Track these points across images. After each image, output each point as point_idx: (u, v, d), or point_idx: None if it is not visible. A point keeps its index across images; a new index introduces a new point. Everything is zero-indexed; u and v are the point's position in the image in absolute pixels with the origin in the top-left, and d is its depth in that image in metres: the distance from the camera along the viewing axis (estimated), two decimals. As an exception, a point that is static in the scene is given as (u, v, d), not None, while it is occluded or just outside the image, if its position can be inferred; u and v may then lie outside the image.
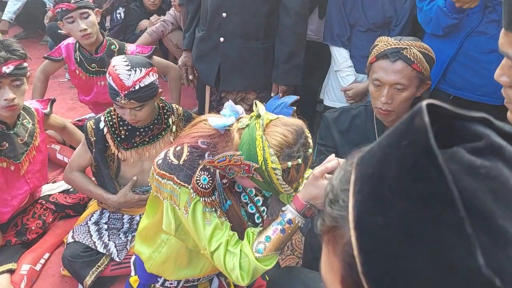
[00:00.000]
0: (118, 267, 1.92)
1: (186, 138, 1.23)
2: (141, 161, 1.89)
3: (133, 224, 2.04)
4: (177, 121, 1.89)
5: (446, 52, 1.82)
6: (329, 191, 0.42)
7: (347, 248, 0.38)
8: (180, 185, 1.16)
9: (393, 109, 1.50)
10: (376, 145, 0.38)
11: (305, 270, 1.30)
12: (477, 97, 1.84)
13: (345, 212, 0.39)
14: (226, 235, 1.17)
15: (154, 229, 1.40)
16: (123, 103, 1.64)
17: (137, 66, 1.64)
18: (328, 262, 0.42)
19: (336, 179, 0.42)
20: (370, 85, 1.54)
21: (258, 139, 1.06)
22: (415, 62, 1.44)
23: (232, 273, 1.15)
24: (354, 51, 2.20)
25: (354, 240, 0.37)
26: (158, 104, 1.85)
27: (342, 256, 0.39)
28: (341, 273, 0.39)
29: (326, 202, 0.42)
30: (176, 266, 1.40)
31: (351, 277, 0.38)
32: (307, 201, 1.15)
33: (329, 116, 1.76)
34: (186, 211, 1.17)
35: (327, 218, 0.41)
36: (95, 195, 1.94)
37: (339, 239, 0.40)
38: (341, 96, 2.30)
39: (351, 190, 0.39)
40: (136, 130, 1.82)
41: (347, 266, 0.38)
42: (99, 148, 1.82)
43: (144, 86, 1.64)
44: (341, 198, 0.40)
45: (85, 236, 1.92)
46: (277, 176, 1.07)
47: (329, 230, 0.41)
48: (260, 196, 1.36)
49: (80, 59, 2.54)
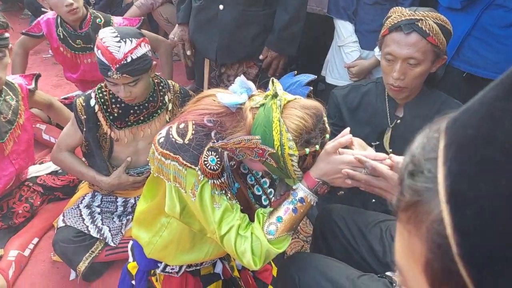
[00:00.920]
0: (113, 252, 1.83)
1: (190, 115, 1.13)
2: (136, 141, 1.78)
3: (127, 207, 1.95)
4: (174, 99, 1.78)
5: (461, 27, 1.73)
6: (408, 162, 0.36)
7: (435, 226, 0.32)
8: (186, 166, 1.07)
9: (405, 86, 1.43)
10: (477, 102, 0.33)
11: (318, 256, 1.22)
12: (492, 74, 1.77)
13: (432, 184, 0.33)
14: (237, 218, 1.10)
15: (153, 213, 1.31)
16: (116, 78, 1.52)
17: (127, 37, 1.52)
18: (406, 245, 0.36)
19: (418, 148, 0.36)
20: (382, 59, 1.46)
21: (275, 122, 0.98)
22: (430, 34, 1.35)
23: (244, 258, 1.08)
24: (360, 25, 2.10)
25: (446, 216, 0.31)
26: (153, 80, 1.74)
27: (428, 237, 0.33)
28: (426, 257, 0.33)
29: (405, 175, 0.36)
30: (178, 251, 1.31)
31: (440, 262, 0.32)
32: (319, 177, 1.09)
33: (338, 93, 1.66)
34: (194, 194, 1.08)
35: (407, 192, 0.35)
36: (86, 177, 1.83)
37: (423, 216, 0.33)
38: (344, 73, 2.20)
39: (440, 159, 0.33)
40: (130, 108, 1.70)
41: (435, 248, 0.32)
42: (90, 127, 1.70)
43: (136, 58, 1.53)
44: (426, 168, 0.34)
45: (77, 220, 1.82)
46: (293, 163, 1.00)
47: (409, 207, 0.35)
48: (267, 178, 1.28)
49: (64, 35, 2.38)
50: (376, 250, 1.22)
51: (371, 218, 1.31)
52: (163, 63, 2.51)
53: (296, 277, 1.13)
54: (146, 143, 1.79)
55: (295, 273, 1.15)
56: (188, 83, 3.22)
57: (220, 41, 1.99)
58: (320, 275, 1.11)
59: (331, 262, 1.17)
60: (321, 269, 1.14)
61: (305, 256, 1.20)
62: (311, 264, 1.16)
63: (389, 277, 1.09)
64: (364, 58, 2.13)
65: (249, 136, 0.99)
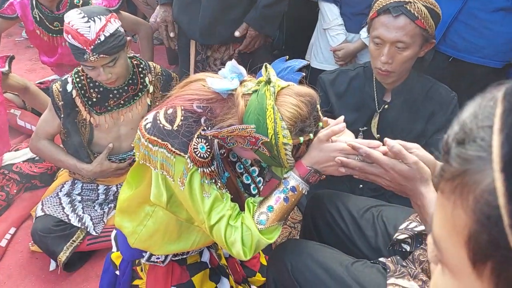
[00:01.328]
0: (95, 241, 1.79)
1: (178, 100, 1.08)
2: (117, 126, 1.72)
3: (109, 195, 1.89)
4: (155, 81, 1.72)
5: (448, 11, 1.72)
6: (458, 130, 0.35)
7: (486, 196, 0.30)
8: (175, 154, 1.03)
9: (393, 70, 1.41)
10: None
11: (311, 243, 1.20)
12: (477, 59, 1.77)
13: (485, 153, 0.31)
14: (228, 207, 1.07)
15: (137, 201, 1.26)
16: (93, 60, 1.46)
17: (95, 15, 1.46)
18: (448, 217, 0.35)
19: (469, 116, 0.35)
20: (370, 43, 1.44)
21: (269, 110, 0.94)
22: (419, 17, 1.33)
23: (233, 248, 1.05)
24: (345, 8, 2.07)
25: (500, 185, 0.29)
26: (132, 61, 1.67)
27: (476, 208, 0.31)
28: (471, 229, 0.32)
29: (453, 143, 0.34)
30: (164, 241, 1.27)
31: (487, 234, 0.30)
32: (311, 165, 1.06)
33: (325, 78, 1.64)
34: (182, 183, 1.04)
35: (455, 160, 0.34)
36: (67, 166, 1.77)
37: (472, 186, 0.32)
38: (329, 57, 2.17)
39: (496, 126, 0.31)
40: (109, 92, 1.64)
41: (484, 219, 0.31)
42: (68, 113, 1.64)
43: (109, 36, 1.47)
44: (480, 136, 0.32)
45: (57, 208, 1.76)
46: (287, 152, 0.98)
47: (456, 176, 0.33)
48: (256, 167, 1.25)
49: (40, 17, 2.26)
50: (368, 236, 1.21)
51: (362, 203, 1.29)
52: (143, 47, 2.42)
53: (289, 264, 1.11)
54: (129, 128, 1.74)
55: (288, 261, 1.13)
56: (170, 68, 3.14)
57: (202, 22, 1.92)
58: (313, 262, 1.09)
59: (324, 249, 1.16)
60: (314, 255, 1.12)
61: (298, 243, 1.18)
62: (304, 251, 1.14)
63: (383, 263, 1.08)
64: (350, 41, 2.11)
65: (243, 125, 0.96)
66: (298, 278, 1.09)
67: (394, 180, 0.95)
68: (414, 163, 0.92)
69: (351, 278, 1.03)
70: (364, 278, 1.03)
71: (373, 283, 1.01)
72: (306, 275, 1.08)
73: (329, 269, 1.06)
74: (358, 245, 1.22)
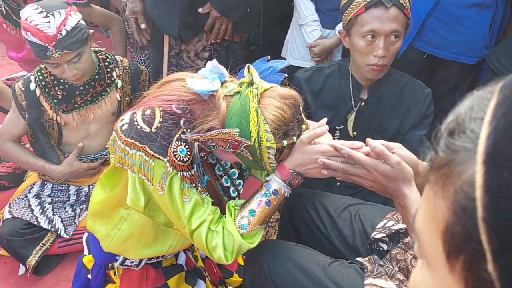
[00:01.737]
0: (66, 244, 1.74)
1: (156, 100, 1.04)
2: (86, 124, 1.67)
3: (81, 195, 1.84)
4: (123, 76, 1.67)
5: (423, 7, 1.73)
6: (451, 120, 0.34)
7: (465, 188, 0.30)
8: (154, 157, 0.99)
9: (387, 63, 1.39)
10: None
11: (288, 244, 1.18)
12: (452, 55, 1.79)
13: (471, 144, 0.31)
14: (209, 212, 1.04)
15: (111, 204, 1.22)
16: (57, 57, 1.40)
17: (53, 10, 1.40)
18: (430, 207, 0.34)
19: (466, 107, 0.34)
20: (359, 40, 1.38)
21: (253, 113, 0.92)
22: (406, 7, 1.34)
23: (214, 253, 1.03)
24: (321, 4, 2.05)
25: (479, 177, 0.29)
26: (98, 56, 1.61)
27: (455, 199, 0.31)
28: (447, 221, 0.32)
29: (444, 133, 0.34)
30: (140, 245, 1.24)
31: (461, 226, 0.30)
32: (293, 168, 1.05)
33: (301, 76, 1.61)
34: (162, 188, 1.01)
35: (442, 150, 0.33)
36: (35, 168, 1.71)
37: (455, 177, 0.31)
38: (306, 53, 2.16)
39: (487, 117, 0.31)
40: (75, 89, 1.58)
41: (459, 211, 0.30)
42: (33, 113, 1.58)
43: (71, 30, 1.41)
44: (470, 128, 0.32)
45: (25, 211, 1.70)
46: (270, 155, 0.96)
47: (441, 166, 0.33)
48: (236, 169, 1.23)
49: (7, 10, 2.17)
50: (346, 235, 1.21)
51: (340, 202, 1.28)
52: (116, 42, 2.35)
53: (266, 265, 1.10)
54: (99, 126, 1.69)
55: (265, 262, 1.12)
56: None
57: (183, 16, 1.86)
58: (290, 263, 1.08)
59: (301, 249, 1.15)
60: (291, 256, 1.11)
61: (274, 244, 1.16)
62: (281, 252, 1.13)
63: (360, 263, 1.07)
64: (325, 37, 2.10)
65: (226, 129, 0.94)
66: (275, 279, 1.08)
67: (376, 180, 0.94)
68: (396, 163, 0.91)
69: (328, 279, 1.02)
70: (341, 279, 1.02)
71: (351, 283, 1.01)
72: (283, 277, 1.07)
73: (307, 270, 1.05)
74: (336, 244, 1.22)
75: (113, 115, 1.70)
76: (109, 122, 1.70)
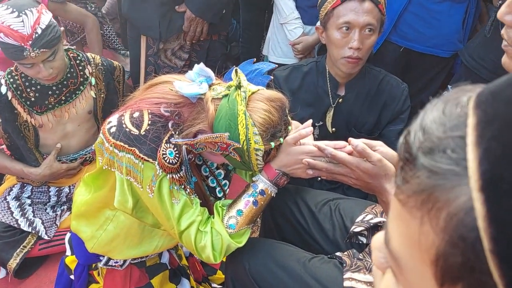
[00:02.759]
0: (47, 245, 1.72)
1: (144, 103, 1.04)
2: (62, 124, 1.65)
3: (61, 196, 1.82)
4: (96, 73, 1.65)
5: (399, 2, 1.76)
6: (423, 139, 0.31)
7: (461, 216, 0.28)
8: (144, 160, 0.99)
9: (362, 56, 1.41)
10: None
11: (268, 241, 1.20)
12: (427, 48, 1.82)
13: (458, 167, 0.28)
14: (198, 213, 1.05)
15: (96, 205, 1.21)
16: (34, 56, 1.38)
17: (25, 9, 1.38)
18: (411, 232, 0.31)
19: (433, 122, 0.31)
20: (334, 33, 1.40)
21: (241, 116, 0.94)
22: (381, 2, 1.37)
23: (203, 253, 1.05)
24: (301, 1, 2.06)
25: (479, 205, 0.27)
26: (68, 54, 1.59)
27: (449, 227, 0.28)
28: (440, 250, 0.29)
29: (418, 152, 0.31)
30: (125, 245, 1.23)
31: (461, 256, 0.28)
32: (279, 168, 1.07)
33: (279, 75, 1.62)
34: (152, 190, 1.01)
35: (423, 172, 0.30)
36: (14, 172, 1.68)
37: (445, 204, 0.29)
38: (288, 51, 2.17)
39: (470, 138, 0.28)
40: (47, 89, 1.56)
41: (458, 240, 0.28)
42: (6, 117, 1.55)
43: (45, 28, 1.39)
44: (450, 147, 0.29)
45: (5, 213, 1.68)
46: (258, 157, 0.98)
47: (423, 190, 0.30)
48: (222, 169, 1.24)
49: None
50: (326, 229, 1.23)
51: (320, 197, 1.30)
52: (92, 40, 2.33)
53: (247, 264, 1.11)
54: (75, 125, 1.67)
55: (245, 260, 1.13)
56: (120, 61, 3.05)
57: (162, 17, 1.85)
58: (271, 260, 1.09)
59: (281, 246, 1.16)
60: (271, 254, 1.12)
61: (255, 242, 1.17)
62: (261, 250, 1.14)
63: (339, 257, 1.09)
64: (307, 33, 2.11)
65: (216, 134, 0.95)
66: (256, 277, 1.09)
67: (360, 178, 0.97)
68: (378, 161, 0.93)
69: (308, 275, 1.04)
70: (321, 274, 1.04)
71: (330, 278, 1.03)
72: (263, 274, 1.08)
73: (287, 267, 1.06)
74: (317, 239, 1.24)
75: (89, 113, 1.68)
76: (85, 121, 1.69)
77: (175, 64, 2.00)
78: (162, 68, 2.01)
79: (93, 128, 1.76)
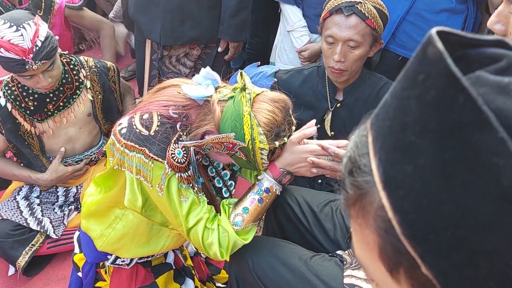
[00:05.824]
0: (55, 244, 1.76)
1: (153, 105, 1.09)
2: (63, 129, 1.70)
3: (69, 196, 1.87)
4: (91, 75, 1.69)
5: (396, 11, 1.80)
6: (347, 162, 0.39)
7: (379, 213, 0.34)
8: (153, 159, 1.04)
9: (346, 68, 1.47)
10: (389, 96, 0.36)
11: (271, 239, 1.25)
12: (424, 58, 1.86)
13: (369, 177, 0.36)
14: (205, 210, 1.10)
15: (107, 205, 1.26)
16: (36, 69, 1.42)
17: (22, 22, 1.41)
18: (361, 238, 0.38)
19: (352, 147, 0.39)
20: (323, 42, 1.49)
21: (246, 116, 0.98)
22: (369, 17, 1.40)
23: (210, 250, 1.09)
24: (307, 10, 2.11)
25: (385, 201, 0.33)
26: (62, 60, 1.63)
27: (376, 224, 0.35)
28: (379, 244, 0.36)
29: (346, 174, 0.39)
30: (133, 244, 1.28)
31: (390, 245, 0.34)
32: (283, 167, 1.12)
33: (281, 78, 1.68)
34: (161, 189, 1.06)
35: (350, 189, 0.38)
36: (22, 179, 1.73)
37: (368, 207, 0.36)
38: (294, 58, 2.21)
39: (371, 152, 0.36)
40: (45, 97, 1.60)
41: (383, 233, 0.34)
42: (9, 128, 1.59)
43: (44, 39, 1.43)
44: (362, 163, 0.37)
45: (14, 212, 1.72)
46: (263, 156, 1.02)
47: (355, 201, 0.38)
48: (228, 170, 1.29)
49: (1, 12, 2.17)
50: (327, 229, 1.28)
51: (321, 197, 1.35)
52: (105, 45, 2.38)
53: (250, 261, 1.15)
54: (77, 128, 1.72)
55: (249, 258, 1.17)
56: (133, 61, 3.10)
57: (164, 23, 1.91)
58: (274, 258, 1.14)
59: (284, 244, 1.21)
60: (274, 252, 1.17)
61: (258, 240, 1.22)
62: (265, 248, 1.19)
63: (340, 256, 1.14)
64: (313, 41, 2.16)
65: (223, 134, 1.00)
66: (259, 274, 1.13)
67: None
68: None
69: (310, 272, 1.08)
70: (322, 272, 1.08)
71: (331, 275, 1.07)
72: (267, 271, 1.13)
73: (289, 265, 1.11)
74: (318, 238, 1.28)
75: (89, 116, 1.73)
76: (86, 124, 1.74)
77: (179, 71, 2.06)
78: (167, 74, 2.07)
79: (95, 129, 1.80)
